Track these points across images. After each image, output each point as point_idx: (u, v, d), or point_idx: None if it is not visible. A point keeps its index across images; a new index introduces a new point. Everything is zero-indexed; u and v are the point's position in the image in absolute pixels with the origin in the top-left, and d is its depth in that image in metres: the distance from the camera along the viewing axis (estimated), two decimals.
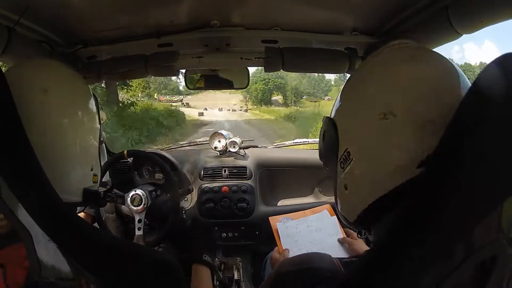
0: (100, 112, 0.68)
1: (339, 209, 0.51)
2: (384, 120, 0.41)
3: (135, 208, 1.17)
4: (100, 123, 0.65)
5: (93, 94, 0.65)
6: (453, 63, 0.45)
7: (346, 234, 0.94)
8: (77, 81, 0.61)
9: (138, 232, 1.12)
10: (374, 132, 0.43)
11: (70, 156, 0.56)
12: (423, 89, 0.41)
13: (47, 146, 0.52)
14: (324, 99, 30.11)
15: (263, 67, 1.09)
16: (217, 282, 1.22)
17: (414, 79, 0.42)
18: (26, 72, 0.55)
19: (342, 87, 0.54)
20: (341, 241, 0.91)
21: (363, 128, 0.44)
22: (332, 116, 0.52)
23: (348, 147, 0.46)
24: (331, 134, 0.50)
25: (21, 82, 0.50)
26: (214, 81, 1.31)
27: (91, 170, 0.61)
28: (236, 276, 1.34)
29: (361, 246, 0.88)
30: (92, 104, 0.62)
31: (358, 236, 1.04)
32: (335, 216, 0.98)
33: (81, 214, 1.08)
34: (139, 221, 1.15)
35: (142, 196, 1.18)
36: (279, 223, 1.00)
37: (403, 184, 0.40)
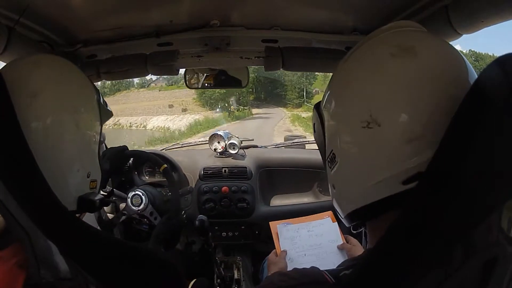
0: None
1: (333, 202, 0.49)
2: (368, 129, 0.37)
3: (135, 208, 1.17)
4: (101, 123, 0.61)
5: (97, 91, 0.59)
6: (460, 54, 0.38)
7: (346, 240, 0.94)
8: (73, 80, 0.56)
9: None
10: (357, 140, 0.39)
11: (61, 164, 0.52)
12: (415, 94, 0.35)
13: (38, 153, 0.46)
14: None
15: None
16: (218, 280, 1.22)
17: (403, 81, 0.36)
18: (17, 72, 0.51)
19: None
20: (340, 248, 0.91)
21: (346, 134, 0.41)
22: (322, 106, 0.47)
23: (333, 149, 0.43)
24: (319, 129, 0.47)
25: (11, 84, 0.46)
26: (213, 80, 1.31)
27: (88, 176, 0.57)
28: (236, 275, 1.35)
29: (360, 252, 0.87)
30: (89, 105, 0.57)
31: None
32: (337, 222, 0.98)
33: None
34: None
35: (143, 196, 1.19)
36: (279, 225, 1.00)
37: (387, 198, 0.37)
